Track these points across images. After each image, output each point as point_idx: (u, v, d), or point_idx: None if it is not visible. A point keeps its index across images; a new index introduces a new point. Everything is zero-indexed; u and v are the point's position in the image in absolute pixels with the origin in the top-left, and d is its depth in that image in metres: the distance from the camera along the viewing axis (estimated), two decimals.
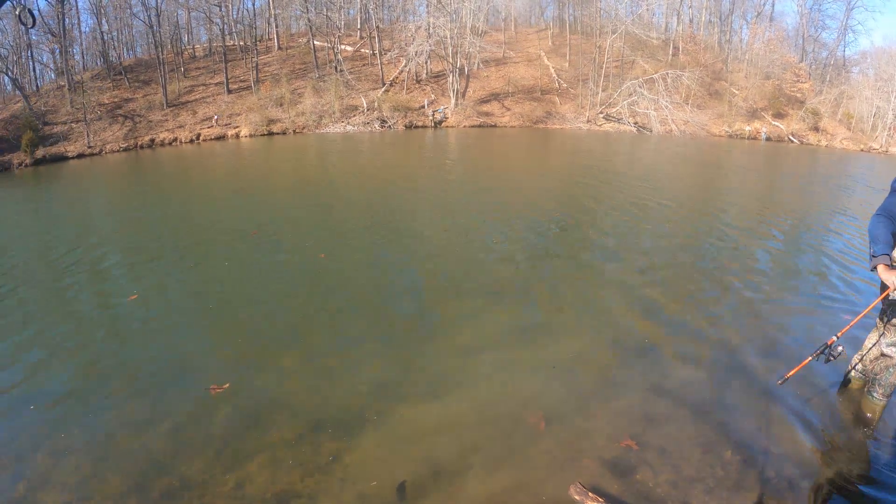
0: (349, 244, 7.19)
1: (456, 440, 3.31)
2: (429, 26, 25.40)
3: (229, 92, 26.14)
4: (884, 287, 3.55)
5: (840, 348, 3.51)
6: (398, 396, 3.73)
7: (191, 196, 11.35)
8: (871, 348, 3.92)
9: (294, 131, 23.21)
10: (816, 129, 31.73)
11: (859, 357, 4.05)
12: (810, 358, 3.52)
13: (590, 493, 2.76)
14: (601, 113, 25.06)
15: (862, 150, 31.50)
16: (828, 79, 37.42)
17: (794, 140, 29.58)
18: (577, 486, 2.81)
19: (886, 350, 3.76)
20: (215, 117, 23.33)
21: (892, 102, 34.32)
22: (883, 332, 3.79)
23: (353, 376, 4.00)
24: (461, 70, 24.78)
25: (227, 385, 3.87)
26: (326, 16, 29.35)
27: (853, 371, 4.09)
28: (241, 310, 5.21)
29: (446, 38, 24.70)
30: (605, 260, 6.74)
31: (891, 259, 3.49)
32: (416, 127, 21.90)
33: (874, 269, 3.46)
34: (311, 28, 28.72)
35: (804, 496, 3.19)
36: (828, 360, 3.51)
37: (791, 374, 3.54)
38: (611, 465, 3.17)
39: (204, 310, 5.30)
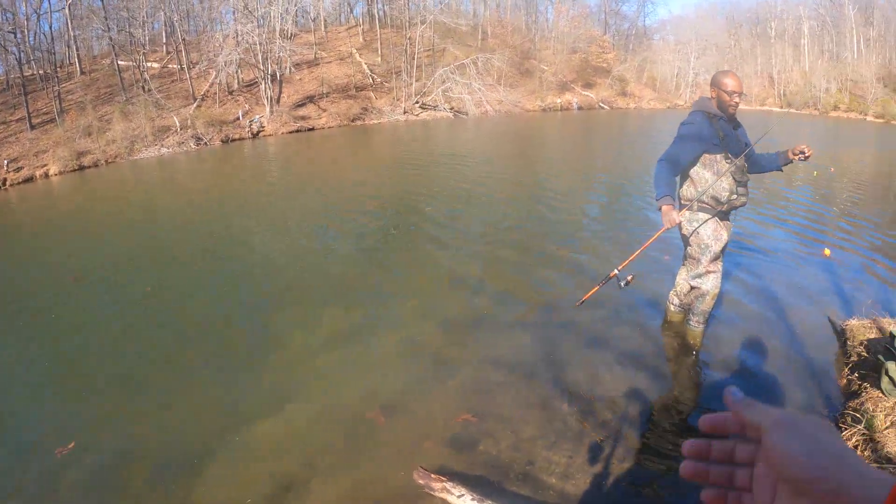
0: (177, 273, 6.78)
1: (300, 449, 3.25)
2: (237, 34, 24.88)
3: (32, 127, 24.26)
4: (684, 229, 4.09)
5: (629, 277, 3.92)
6: (240, 417, 3.59)
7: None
8: (682, 283, 4.44)
9: (106, 161, 21.96)
10: (625, 94, 34.66)
11: (675, 293, 4.52)
12: (598, 287, 3.94)
13: (433, 475, 2.77)
14: (417, 103, 25.43)
15: (668, 108, 35.23)
16: (631, 47, 41.06)
17: (605, 106, 31.95)
18: (420, 471, 2.82)
19: (693, 282, 4.25)
20: (5, 162, 21.78)
21: (692, 63, 38.44)
22: (688, 267, 4.28)
23: (193, 407, 3.81)
24: (273, 76, 24.60)
25: (73, 444, 3.52)
26: (129, 32, 27.93)
27: (672, 307, 4.59)
28: (74, 363, 4.78)
29: (255, 44, 24.35)
30: (435, 244, 6.86)
31: (674, 199, 3.87)
32: (234, 140, 20.59)
33: (659, 209, 3.78)
34: (113, 47, 27.23)
35: (644, 430, 3.42)
36: (621, 287, 3.91)
37: (585, 297, 3.96)
38: (452, 442, 3.25)
39: (35, 370, 4.77)
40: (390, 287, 5.65)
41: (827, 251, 6.26)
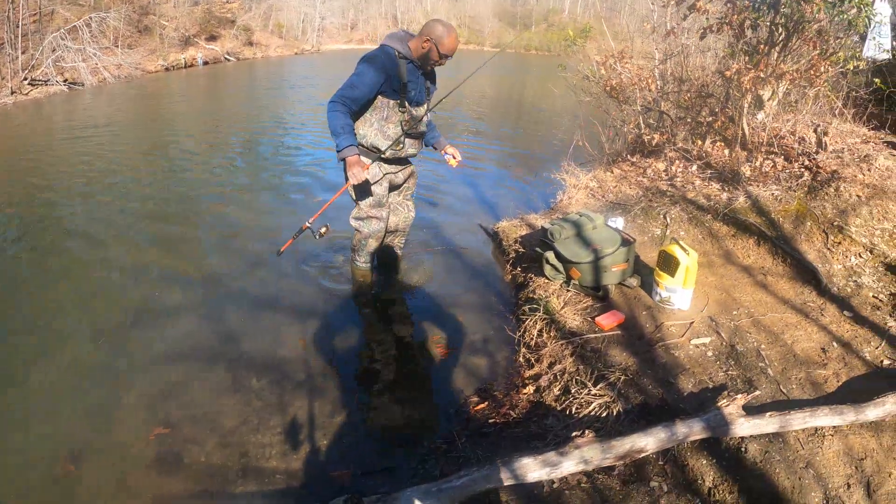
0: None
1: None
2: None
3: None
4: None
5: (322, 229, 3.78)
6: None
7: None
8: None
9: None
10: (251, 43, 34.50)
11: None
12: (292, 239, 3.80)
13: None
14: (25, 80, 22.98)
15: (296, 54, 36.76)
16: None
17: (231, 58, 31.43)
18: None
19: (354, 224, 4.20)
20: None
21: (318, 8, 40.74)
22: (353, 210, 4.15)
23: None
24: None
25: None
26: None
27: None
28: None
29: None
30: (73, 240, 5.88)
31: (357, 148, 3.61)
32: None
33: (342, 160, 3.55)
34: None
35: (336, 376, 3.55)
36: (319, 237, 3.82)
37: (284, 248, 3.85)
38: (156, 466, 2.83)
39: None
40: (31, 308, 4.56)
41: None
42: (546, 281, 4.17)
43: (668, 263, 3.56)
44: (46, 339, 4.12)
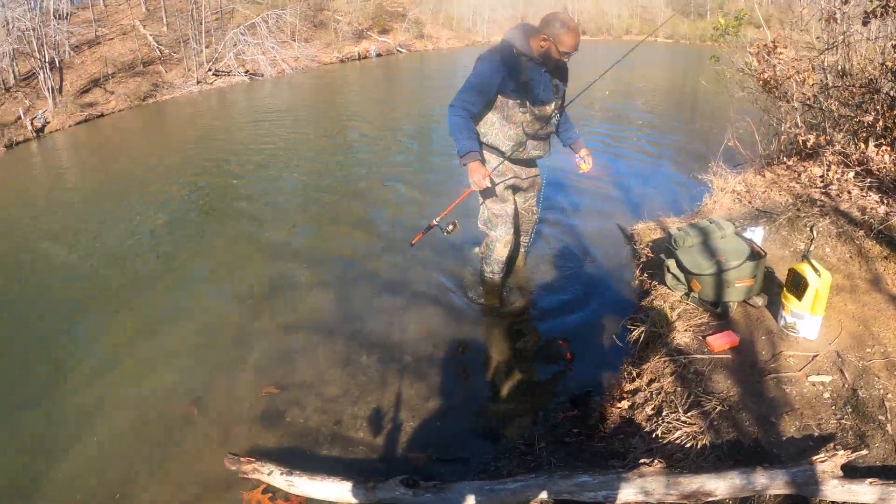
0: None
1: (116, 469, 2.98)
2: (7, 22, 24.21)
3: None
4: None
5: (450, 227, 3.75)
6: (47, 457, 3.12)
7: None
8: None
9: None
10: (422, 36, 35.24)
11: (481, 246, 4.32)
12: (422, 234, 3.82)
13: (241, 459, 2.75)
14: (210, 70, 24.09)
15: (467, 45, 36.55)
16: None
17: (403, 50, 32.07)
18: (230, 457, 2.78)
19: (481, 227, 4.10)
20: None
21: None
22: (480, 212, 4.05)
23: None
24: (52, 63, 23.71)
25: None
26: None
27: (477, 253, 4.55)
28: None
29: (29, 30, 23.62)
30: (243, 213, 6.53)
31: (481, 153, 3.52)
32: (18, 143, 16.51)
33: (463, 166, 3.46)
34: None
35: (442, 366, 3.62)
36: (447, 234, 3.77)
37: (415, 240, 3.88)
38: (259, 420, 3.23)
39: None
40: (192, 268, 5.33)
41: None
42: (667, 291, 3.93)
43: (797, 284, 3.15)
44: (193, 301, 4.72)
